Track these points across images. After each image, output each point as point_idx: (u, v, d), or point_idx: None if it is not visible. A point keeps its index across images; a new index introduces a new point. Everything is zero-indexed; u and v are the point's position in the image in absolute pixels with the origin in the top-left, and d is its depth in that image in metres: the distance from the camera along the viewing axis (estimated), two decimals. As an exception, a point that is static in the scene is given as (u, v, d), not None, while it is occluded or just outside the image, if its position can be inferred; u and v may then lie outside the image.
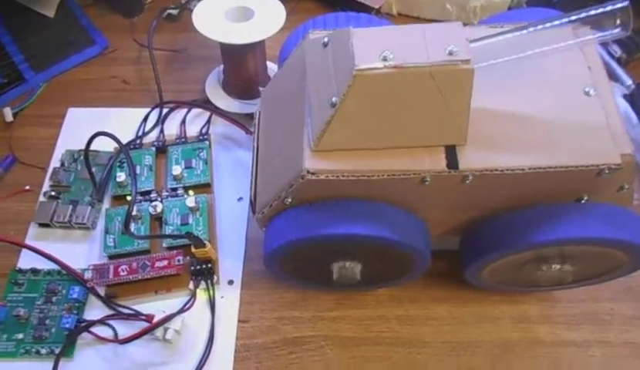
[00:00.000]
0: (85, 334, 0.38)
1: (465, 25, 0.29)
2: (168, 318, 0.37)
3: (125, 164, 0.45)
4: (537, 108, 0.30)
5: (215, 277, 0.40)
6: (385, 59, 0.27)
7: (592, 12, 0.29)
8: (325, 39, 0.31)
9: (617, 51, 0.52)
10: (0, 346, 0.37)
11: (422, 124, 0.29)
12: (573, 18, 0.29)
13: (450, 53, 0.26)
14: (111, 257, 0.41)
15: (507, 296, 0.40)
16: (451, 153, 0.29)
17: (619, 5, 0.28)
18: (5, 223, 0.43)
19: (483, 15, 0.55)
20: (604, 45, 0.53)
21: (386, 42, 0.27)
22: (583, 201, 0.31)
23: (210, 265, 0.40)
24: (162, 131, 0.48)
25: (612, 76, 0.51)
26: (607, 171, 0.29)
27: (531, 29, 0.29)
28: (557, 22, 0.29)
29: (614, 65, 0.52)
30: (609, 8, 0.28)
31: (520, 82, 0.31)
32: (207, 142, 0.47)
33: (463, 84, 0.27)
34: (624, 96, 0.49)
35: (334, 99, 0.28)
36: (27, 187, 0.45)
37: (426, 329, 0.39)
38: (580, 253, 0.33)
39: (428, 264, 0.34)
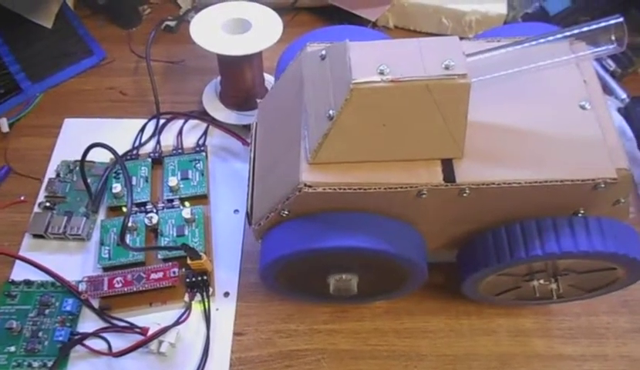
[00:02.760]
0: (78, 347, 0.37)
1: (461, 39, 0.29)
2: (163, 331, 0.37)
3: (121, 175, 0.45)
4: (533, 122, 0.31)
5: (210, 289, 0.40)
6: (381, 73, 0.27)
7: (587, 28, 0.29)
8: (323, 52, 0.31)
9: (611, 65, 0.53)
10: (-9, 359, 0.37)
11: (419, 137, 0.29)
12: (568, 33, 0.29)
13: (447, 67, 0.27)
14: (106, 269, 0.41)
15: (504, 309, 0.40)
16: (448, 167, 0.29)
17: (614, 21, 0.28)
18: (-1, 233, 0.43)
19: (479, 29, 0.56)
20: (599, 59, 0.54)
21: (383, 56, 0.27)
22: (579, 215, 0.31)
23: (205, 277, 0.40)
24: (158, 142, 0.48)
25: (607, 90, 0.52)
26: (602, 185, 0.29)
27: (527, 44, 0.30)
28: (552, 38, 0.30)
29: (608, 79, 0.53)
30: (604, 24, 0.28)
31: (516, 95, 0.32)
32: (204, 154, 0.47)
33: (459, 98, 0.27)
34: (619, 110, 0.50)
35: (331, 112, 0.28)
36: (22, 198, 0.45)
37: (423, 342, 0.39)
38: (576, 266, 0.33)
39: (425, 276, 0.34)
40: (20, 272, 0.41)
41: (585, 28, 0.29)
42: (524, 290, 0.36)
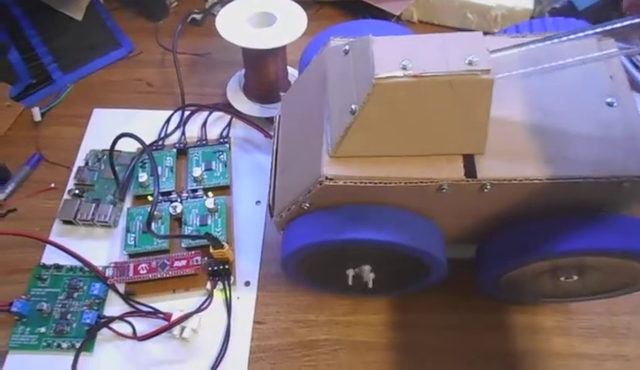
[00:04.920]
0: (104, 330, 0.38)
1: (486, 34, 0.29)
2: (185, 317, 0.38)
3: (147, 165, 0.46)
4: (557, 117, 0.30)
5: (232, 278, 0.41)
6: (404, 68, 0.27)
7: (617, 25, 0.28)
8: (346, 47, 0.31)
9: (641, 61, 0.52)
10: (23, 339, 0.38)
11: (441, 133, 0.29)
12: (598, 30, 0.29)
13: (470, 63, 0.27)
14: (131, 256, 0.42)
15: (523, 306, 0.40)
16: (469, 162, 0.29)
17: (644, 18, 0.28)
18: (30, 219, 0.45)
19: (504, 24, 0.55)
20: (629, 55, 0.53)
21: (406, 51, 0.27)
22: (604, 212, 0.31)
23: (227, 266, 0.40)
24: (183, 133, 0.49)
25: (636, 86, 0.51)
26: (628, 183, 0.28)
27: (555, 41, 0.29)
28: (580, 35, 0.29)
29: (638, 75, 0.51)
30: (636, 20, 0.28)
31: (541, 91, 0.31)
32: (227, 145, 0.48)
33: (482, 94, 0.27)
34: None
35: (353, 107, 0.28)
36: (52, 185, 0.47)
37: (441, 337, 0.39)
38: (598, 264, 0.32)
39: (444, 271, 0.34)
40: (50, 256, 0.42)
41: (615, 25, 0.28)
42: (544, 287, 0.36)
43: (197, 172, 0.45)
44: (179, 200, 0.44)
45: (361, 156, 0.30)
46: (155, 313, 0.39)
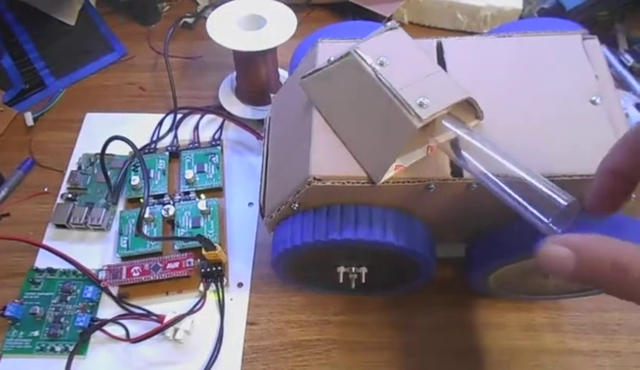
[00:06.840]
0: (98, 333, 0.38)
1: (475, 34, 0.30)
2: (178, 319, 0.38)
3: (139, 168, 0.46)
4: (541, 116, 0.31)
5: (225, 280, 0.41)
6: (381, 64, 0.28)
7: None
8: (397, 24, 0.32)
9: (629, 60, 0.52)
10: (16, 343, 0.38)
11: (364, 137, 0.29)
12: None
13: (420, 104, 0.26)
14: (124, 259, 0.42)
15: (514, 304, 0.40)
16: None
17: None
18: (24, 223, 0.45)
19: (494, 24, 0.55)
20: (617, 54, 0.53)
21: (400, 54, 0.28)
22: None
23: (220, 268, 0.41)
24: (176, 136, 0.49)
25: (624, 85, 0.51)
26: (611, 180, 0.29)
27: (527, 180, 0.26)
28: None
29: (626, 74, 0.52)
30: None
31: (525, 91, 0.32)
32: (220, 148, 0.48)
33: (403, 132, 0.27)
34: (637, 105, 0.49)
35: (332, 58, 0.30)
36: (45, 189, 0.47)
37: (433, 335, 0.39)
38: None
39: (433, 270, 0.34)
40: (44, 260, 0.42)
41: None
42: (534, 285, 0.36)
43: (190, 174, 0.45)
44: (171, 202, 0.44)
45: (313, 101, 0.32)
46: (148, 315, 0.39)
